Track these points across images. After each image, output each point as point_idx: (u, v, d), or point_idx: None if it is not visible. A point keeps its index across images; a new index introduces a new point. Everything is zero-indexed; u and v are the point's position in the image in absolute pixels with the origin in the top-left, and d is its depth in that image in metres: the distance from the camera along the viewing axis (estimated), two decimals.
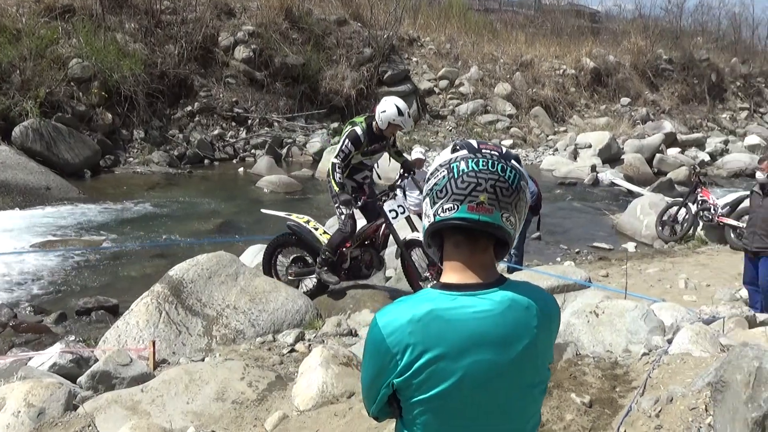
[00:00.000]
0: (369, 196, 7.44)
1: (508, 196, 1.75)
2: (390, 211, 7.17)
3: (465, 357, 1.73)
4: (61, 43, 17.64)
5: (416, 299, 1.79)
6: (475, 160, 1.76)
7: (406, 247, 7.24)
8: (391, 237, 7.40)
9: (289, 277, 8.01)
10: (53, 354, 6.18)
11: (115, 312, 8.06)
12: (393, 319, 1.75)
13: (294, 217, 7.84)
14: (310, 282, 7.86)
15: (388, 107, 7.03)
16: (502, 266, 8.34)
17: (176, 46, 19.12)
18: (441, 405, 1.75)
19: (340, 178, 7.08)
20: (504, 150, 1.82)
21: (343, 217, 7.19)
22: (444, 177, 1.78)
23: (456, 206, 1.75)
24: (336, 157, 7.12)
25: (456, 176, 1.76)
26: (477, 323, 1.74)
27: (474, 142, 1.82)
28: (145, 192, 14.76)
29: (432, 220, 1.81)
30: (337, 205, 7.24)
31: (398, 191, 7.42)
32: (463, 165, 1.76)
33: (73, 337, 7.27)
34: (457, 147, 1.82)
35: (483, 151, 1.79)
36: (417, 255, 7.31)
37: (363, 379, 1.92)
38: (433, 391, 1.73)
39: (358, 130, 7.07)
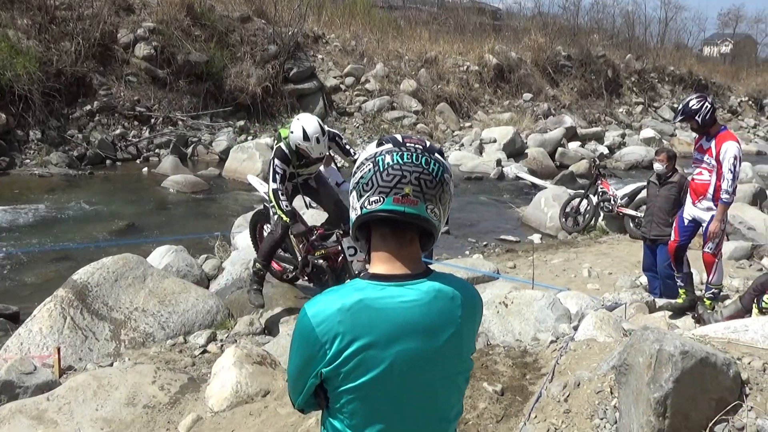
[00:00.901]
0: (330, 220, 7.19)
1: (433, 188, 1.81)
2: (349, 247, 6.78)
3: (393, 345, 1.77)
4: None
5: (345, 289, 1.82)
6: (400, 153, 1.81)
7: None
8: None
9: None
10: None
11: (15, 319, 7.72)
12: (322, 308, 1.78)
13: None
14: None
15: (295, 129, 6.59)
16: None
17: (73, 43, 18.44)
18: (369, 393, 1.79)
19: (286, 206, 6.64)
20: (428, 144, 1.88)
21: (275, 217, 6.84)
22: (370, 170, 1.82)
23: (382, 198, 1.79)
24: (272, 182, 6.66)
25: (381, 169, 1.80)
26: (405, 312, 1.78)
27: (399, 137, 1.87)
28: (44, 194, 14.21)
29: (359, 212, 1.85)
30: (271, 204, 6.81)
31: None
32: (388, 158, 1.81)
33: None
34: (382, 141, 1.87)
35: (407, 144, 1.84)
36: None
37: (290, 370, 1.93)
38: (361, 379, 1.77)
39: (284, 146, 6.73)
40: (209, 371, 5.77)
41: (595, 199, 12.17)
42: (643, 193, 10.43)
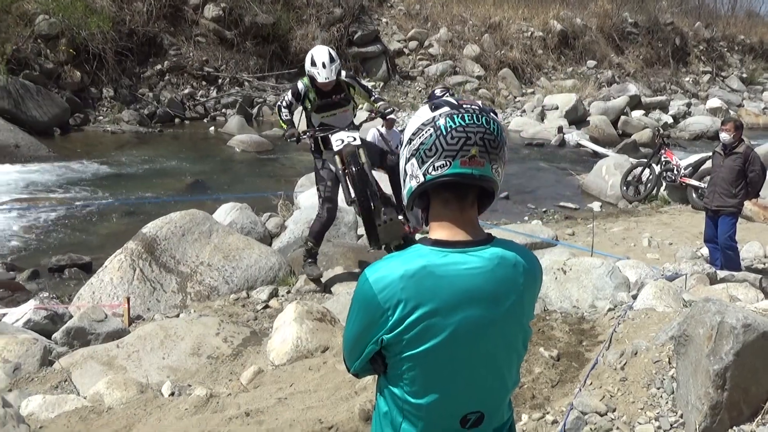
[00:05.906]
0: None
1: (496, 148, 1.77)
2: (337, 140, 6.79)
3: (457, 312, 1.75)
4: None
5: (407, 255, 1.78)
6: (460, 115, 1.76)
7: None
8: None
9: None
10: (27, 310, 6.18)
11: (88, 269, 8.05)
12: (385, 274, 1.75)
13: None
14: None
15: (306, 58, 6.90)
16: None
17: (144, 3, 18.75)
18: (430, 360, 1.78)
19: (285, 116, 7.12)
20: (481, 104, 1.85)
21: (321, 200, 6.89)
22: (431, 135, 1.77)
23: (448, 162, 1.75)
24: (279, 103, 7.21)
25: (444, 133, 1.75)
26: (469, 279, 1.76)
27: (452, 99, 1.83)
28: (116, 150, 14.63)
29: (422, 179, 1.81)
30: (317, 186, 6.99)
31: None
32: (449, 121, 1.76)
33: (46, 294, 7.23)
34: (437, 104, 1.82)
35: (464, 106, 1.79)
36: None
37: (347, 335, 1.92)
38: (423, 346, 1.76)
39: (299, 83, 7.02)
40: (271, 326, 5.94)
41: (657, 169, 12.00)
42: (708, 164, 10.25)
